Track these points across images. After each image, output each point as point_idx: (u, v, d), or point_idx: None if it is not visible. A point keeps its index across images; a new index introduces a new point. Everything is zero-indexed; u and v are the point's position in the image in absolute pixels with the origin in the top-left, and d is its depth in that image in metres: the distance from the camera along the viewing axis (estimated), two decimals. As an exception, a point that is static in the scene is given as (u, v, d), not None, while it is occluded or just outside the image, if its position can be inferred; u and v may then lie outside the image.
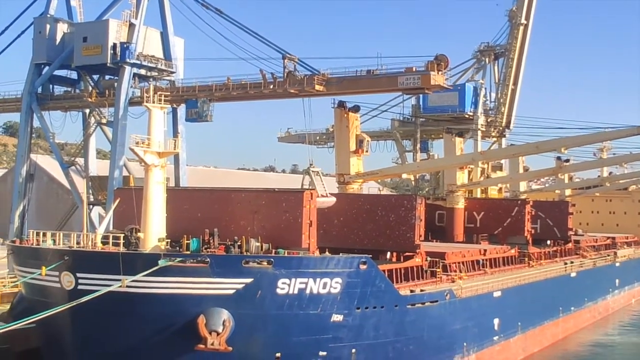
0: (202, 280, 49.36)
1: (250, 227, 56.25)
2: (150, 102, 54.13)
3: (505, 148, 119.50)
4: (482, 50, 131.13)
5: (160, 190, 53.08)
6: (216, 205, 58.57)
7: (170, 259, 48.88)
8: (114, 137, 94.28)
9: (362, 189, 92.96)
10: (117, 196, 61.80)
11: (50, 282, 51.20)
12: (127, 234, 53.24)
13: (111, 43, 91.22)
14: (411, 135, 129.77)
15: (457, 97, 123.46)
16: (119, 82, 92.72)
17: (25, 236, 62.68)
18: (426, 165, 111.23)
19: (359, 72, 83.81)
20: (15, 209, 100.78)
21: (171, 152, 56.43)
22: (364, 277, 54.83)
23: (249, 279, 49.97)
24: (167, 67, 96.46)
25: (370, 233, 67.82)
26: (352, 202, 70.77)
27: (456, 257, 74.73)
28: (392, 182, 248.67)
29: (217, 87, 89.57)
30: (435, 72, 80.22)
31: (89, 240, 53.66)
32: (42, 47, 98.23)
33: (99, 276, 49.41)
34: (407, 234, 66.94)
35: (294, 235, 55.34)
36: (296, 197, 56.20)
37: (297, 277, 51.18)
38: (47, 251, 52.02)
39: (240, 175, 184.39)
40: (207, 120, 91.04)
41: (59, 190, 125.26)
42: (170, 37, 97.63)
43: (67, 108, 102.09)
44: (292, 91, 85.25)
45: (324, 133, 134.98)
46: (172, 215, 53.79)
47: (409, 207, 67.37)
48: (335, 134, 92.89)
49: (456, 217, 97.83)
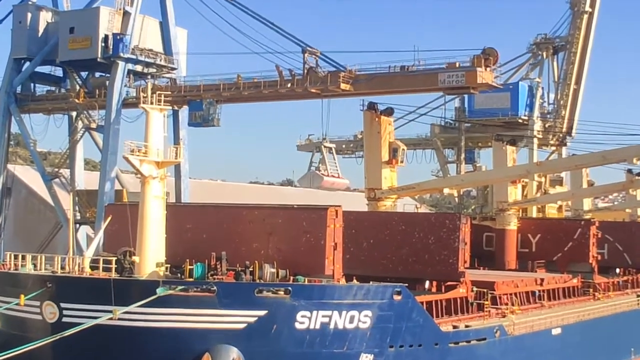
0: (207, 312, 49.51)
1: (264, 250, 56.37)
2: (148, 103, 54.56)
3: (566, 158, 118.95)
4: (539, 43, 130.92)
5: (158, 207, 53.39)
6: (224, 225, 58.78)
7: (170, 287, 49.10)
8: (104, 144, 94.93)
9: (397, 206, 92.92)
10: (108, 213, 62.18)
11: (29, 314, 51.55)
12: (120, 257, 53.56)
13: (102, 34, 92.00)
14: (454, 144, 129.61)
15: (508, 99, 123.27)
16: (111, 80, 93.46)
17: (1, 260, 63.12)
18: (472, 178, 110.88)
19: (392, 68, 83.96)
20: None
21: (172, 162, 56.82)
22: (398, 309, 54.72)
23: (263, 311, 50.05)
24: (167, 63, 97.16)
25: (405, 258, 67.66)
26: (385, 221, 70.67)
27: (507, 288, 74.35)
28: (431, 198, 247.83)
29: (225, 86, 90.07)
30: (483, 69, 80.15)
31: (76, 264, 53.97)
32: (22, 39, 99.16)
33: (87, 307, 49.69)
34: (450, 260, 66.66)
35: (315, 260, 55.39)
36: (318, 215, 56.29)
37: (319, 309, 51.20)
38: (27, 277, 52.42)
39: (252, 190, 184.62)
40: (213, 124, 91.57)
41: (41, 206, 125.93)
42: (171, 27, 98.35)
43: (51, 110, 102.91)
44: (314, 91, 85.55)
45: (352, 140, 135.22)
46: (172, 235, 54.06)
47: (451, 227, 67.14)
48: (364, 141, 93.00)
49: (507, 240, 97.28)
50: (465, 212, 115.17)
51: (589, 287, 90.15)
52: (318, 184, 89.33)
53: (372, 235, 68.54)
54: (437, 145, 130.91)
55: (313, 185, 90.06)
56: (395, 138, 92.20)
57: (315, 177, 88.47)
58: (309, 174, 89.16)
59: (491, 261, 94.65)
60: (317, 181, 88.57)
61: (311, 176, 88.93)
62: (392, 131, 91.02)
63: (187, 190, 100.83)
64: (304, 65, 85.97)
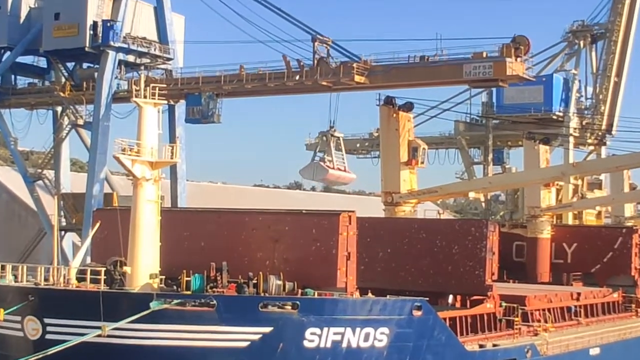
0: (206, 329, 49.54)
1: (269, 260, 56.40)
2: (141, 97, 54.57)
3: (606, 159, 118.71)
4: (575, 31, 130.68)
5: (152, 212, 53.46)
6: (225, 232, 58.83)
7: (165, 300, 49.15)
8: (92, 142, 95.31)
9: (417, 211, 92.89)
10: (96, 219, 62.28)
11: (9, 330, 51.64)
12: (110, 268, 53.59)
13: (90, 21, 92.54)
14: (481, 142, 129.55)
15: (541, 92, 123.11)
16: (100, 71, 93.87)
17: (-22, 270, 63.42)
18: (500, 181, 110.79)
19: (412, 58, 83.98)
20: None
21: (167, 162, 56.84)
22: (418, 326, 54.73)
23: (268, 327, 50.07)
24: (162, 53, 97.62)
25: (426, 270, 67.67)
26: (403, 228, 70.70)
27: (540, 303, 74.23)
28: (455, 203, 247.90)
29: (226, 78, 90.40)
30: (513, 59, 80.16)
31: (61, 275, 54.02)
32: (1, 26, 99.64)
33: (73, 322, 49.72)
34: (475, 272, 66.64)
35: (326, 271, 55.31)
36: (329, 222, 56.24)
37: (330, 325, 51.20)
38: (7, 289, 52.48)
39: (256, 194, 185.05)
40: (213, 121, 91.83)
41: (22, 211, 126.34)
42: (167, 13, 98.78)
43: (34, 105, 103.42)
44: (325, 83, 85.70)
45: (367, 139, 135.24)
46: (168, 244, 54.10)
47: (477, 236, 67.12)
48: (381, 140, 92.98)
49: (540, 250, 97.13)
50: (493, 219, 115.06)
51: (631, 303, 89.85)
52: (322, 177, 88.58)
53: (390, 244, 68.54)
54: (462, 144, 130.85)
55: (316, 178, 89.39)
56: (415, 136, 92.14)
57: (319, 168, 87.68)
58: (313, 165, 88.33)
59: (522, 273, 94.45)
60: (321, 173, 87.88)
61: (315, 167, 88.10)
62: (411, 128, 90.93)
63: (184, 193, 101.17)
64: (314, 55, 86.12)
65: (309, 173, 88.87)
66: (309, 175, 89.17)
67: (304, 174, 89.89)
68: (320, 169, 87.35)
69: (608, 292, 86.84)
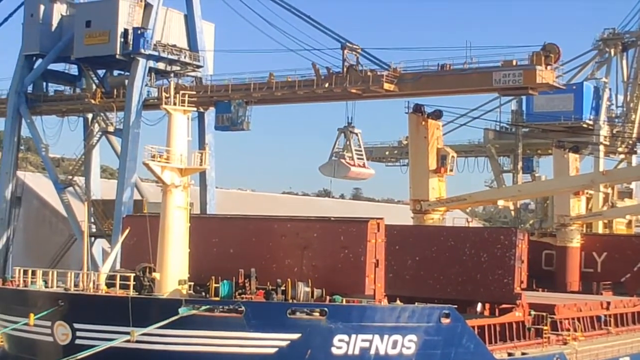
0: (234, 335, 49.67)
1: (297, 267, 56.48)
2: (170, 104, 54.89)
3: (637, 167, 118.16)
4: (606, 39, 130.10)
5: (181, 218, 53.69)
6: (254, 239, 58.98)
7: (193, 306, 49.33)
8: (123, 149, 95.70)
9: (445, 219, 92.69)
10: (126, 225, 62.70)
11: (40, 335, 52.01)
12: (139, 274, 53.91)
13: (121, 29, 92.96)
14: (511, 151, 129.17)
15: (572, 101, 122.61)
16: (131, 78, 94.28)
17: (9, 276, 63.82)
18: (530, 189, 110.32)
19: (442, 66, 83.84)
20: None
21: (197, 169, 57.16)
22: (446, 334, 54.59)
23: (296, 334, 50.14)
24: (192, 60, 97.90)
25: (455, 278, 67.48)
26: (432, 237, 70.57)
27: (569, 312, 73.85)
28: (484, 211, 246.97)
29: (256, 85, 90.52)
30: (543, 67, 79.89)
31: (90, 281, 54.39)
32: (34, 34, 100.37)
33: (102, 327, 50.06)
34: (504, 280, 66.36)
35: (354, 278, 55.35)
36: (358, 229, 56.29)
37: (358, 332, 51.19)
38: (37, 295, 52.91)
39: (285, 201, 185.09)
40: (242, 128, 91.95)
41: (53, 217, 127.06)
42: (197, 21, 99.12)
43: (65, 112, 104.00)
44: (354, 91, 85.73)
45: (395, 147, 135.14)
46: (196, 250, 54.33)
47: (507, 244, 66.84)
48: (409, 147, 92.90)
49: (570, 258, 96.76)
50: (523, 227, 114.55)
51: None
52: (344, 174, 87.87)
53: (418, 251, 68.41)
54: (491, 152, 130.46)
55: (338, 175, 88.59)
56: (444, 144, 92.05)
57: (341, 166, 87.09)
58: (333, 162, 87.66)
59: (551, 282, 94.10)
60: (342, 171, 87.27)
61: (335, 165, 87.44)
62: (440, 136, 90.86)
63: (213, 200, 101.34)
64: (344, 62, 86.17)
65: (329, 170, 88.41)
66: (329, 172, 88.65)
67: (324, 171, 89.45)
68: (342, 166, 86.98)
69: (638, 301, 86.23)
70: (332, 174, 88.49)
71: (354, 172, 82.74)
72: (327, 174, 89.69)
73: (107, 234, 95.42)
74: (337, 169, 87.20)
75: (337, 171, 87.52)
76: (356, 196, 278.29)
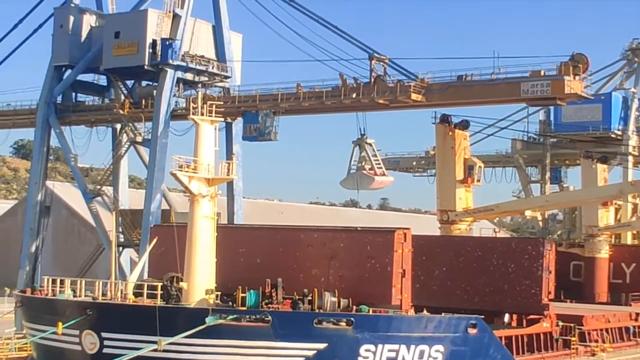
0: (261, 345, 49.77)
1: (324, 276, 56.57)
2: (198, 115, 55.16)
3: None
4: (635, 49, 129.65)
5: (209, 228, 53.90)
6: (280, 249, 59.10)
7: (220, 316, 49.47)
8: (151, 159, 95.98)
9: (472, 230, 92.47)
10: (153, 235, 62.95)
11: (68, 343, 52.34)
12: (166, 283, 54.14)
13: (150, 40, 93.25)
14: (538, 161, 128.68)
15: (600, 111, 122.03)
16: (159, 89, 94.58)
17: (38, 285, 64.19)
18: (558, 199, 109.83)
19: (469, 76, 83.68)
20: (27, 250, 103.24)
21: (224, 179, 57.30)
22: (473, 344, 54.47)
23: (323, 343, 50.16)
24: (220, 71, 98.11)
25: (482, 288, 67.31)
26: (459, 247, 70.38)
27: (598, 323, 73.48)
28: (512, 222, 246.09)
29: (283, 96, 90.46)
30: (571, 77, 79.55)
31: (118, 290, 54.72)
32: (63, 44, 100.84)
33: (130, 337, 50.32)
34: (532, 290, 66.11)
35: (381, 288, 55.40)
36: (384, 239, 56.32)
37: (385, 342, 51.18)
38: (65, 304, 53.27)
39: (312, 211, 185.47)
40: (270, 138, 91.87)
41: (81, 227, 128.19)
42: (225, 32, 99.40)
43: (94, 122, 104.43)
44: (381, 101, 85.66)
45: (423, 157, 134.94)
46: (223, 260, 54.51)
47: (534, 254, 66.61)
48: (436, 158, 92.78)
49: (598, 269, 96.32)
50: (550, 238, 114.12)
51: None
52: (368, 185, 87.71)
53: (445, 262, 68.27)
54: (519, 162, 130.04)
55: (361, 187, 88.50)
56: (471, 154, 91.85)
57: (364, 177, 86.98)
58: (355, 175, 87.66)
59: (579, 293, 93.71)
60: (366, 182, 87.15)
61: (358, 177, 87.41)
62: (467, 146, 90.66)
63: (240, 210, 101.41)
64: (371, 73, 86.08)
65: (352, 183, 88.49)
66: (352, 185, 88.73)
67: (346, 184, 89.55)
68: (365, 177, 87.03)
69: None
70: (356, 187, 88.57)
71: (377, 181, 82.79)
72: (350, 187, 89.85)
73: (134, 244, 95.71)
74: (360, 180, 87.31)
75: (361, 183, 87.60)
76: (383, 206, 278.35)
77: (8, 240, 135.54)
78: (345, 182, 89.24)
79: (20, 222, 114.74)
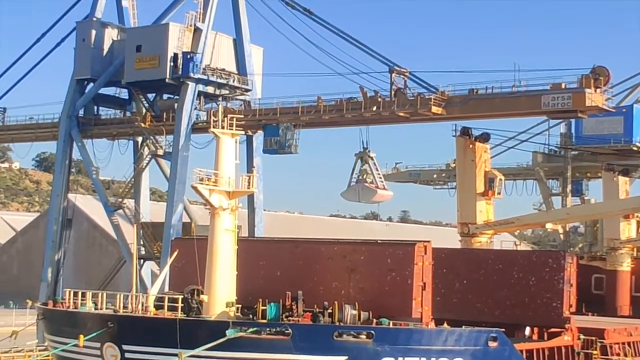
0: (281, 357, 49.68)
1: (344, 289, 56.47)
2: (219, 128, 55.30)
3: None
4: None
5: (229, 241, 53.98)
6: (301, 261, 59.06)
7: (241, 328, 49.44)
8: (172, 172, 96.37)
9: (493, 242, 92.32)
10: (174, 248, 63.08)
11: (89, 356, 52.41)
12: (187, 296, 54.24)
13: (171, 53, 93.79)
14: (559, 174, 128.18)
15: (621, 123, 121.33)
16: (180, 102, 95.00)
17: (60, 297, 64.51)
18: (579, 212, 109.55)
19: (489, 89, 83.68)
20: (48, 262, 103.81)
21: (244, 192, 57.42)
22: (494, 357, 54.24)
23: (343, 356, 50.04)
24: (241, 84, 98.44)
25: (502, 301, 67.03)
26: (479, 260, 70.13)
27: (620, 336, 72.97)
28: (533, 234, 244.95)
29: (304, 109, 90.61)
30: (592, 90, 79.41)
31: (139, 303, 54.79)
32: (85, 58, 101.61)
33: (151, 349, 50.40)
34: (553, 303, 65.81)
35: (401, 301, 55.22)
36: (405, 252, 56.19)
37: (405, 355, 51.02)
38: (87, 316, 53.37)
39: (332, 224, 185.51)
40: (290, 151, 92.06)
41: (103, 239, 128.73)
42: (246, 45, 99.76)
43: (115, 135, 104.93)
44: (402, 114, 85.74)
45: (443, 170, 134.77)
46: (244, 273, 54.55)
47: (555, 267, 66.33)
48: (457, 170, 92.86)
49: (620, 282, 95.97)
50: (572, 251, 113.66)
51: None
52: (370, 198, 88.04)
53: (466, 275, 68.03)
54: (540, 175, 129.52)
55: (363, 200, 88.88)
56: (491, 167, 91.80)
57: (366, 190, 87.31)
58: (357, 187, 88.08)
59: (601, 306, 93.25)
60: (368, 195, 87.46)
61: (360, 189, 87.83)
62: (488, 159, 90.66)
63: (261, 223, 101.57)
64: (391, 86, 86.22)
65: (353, 195, 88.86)
66: (354, 197, 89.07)
67: (347, 196, 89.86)
68: (367, 189, 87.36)
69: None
70: (357, 199, 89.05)
71: (379, 194, 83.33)
72: (351, 198, 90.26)
73: (156, 257, 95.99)
74: (362, 193, 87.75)
75: (362, 195, 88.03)
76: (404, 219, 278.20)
77: (30, 253, 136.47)
78: (347, 193, 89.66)
79: (42, 235, 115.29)
